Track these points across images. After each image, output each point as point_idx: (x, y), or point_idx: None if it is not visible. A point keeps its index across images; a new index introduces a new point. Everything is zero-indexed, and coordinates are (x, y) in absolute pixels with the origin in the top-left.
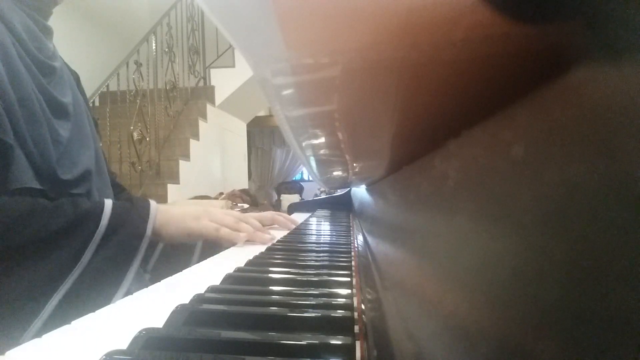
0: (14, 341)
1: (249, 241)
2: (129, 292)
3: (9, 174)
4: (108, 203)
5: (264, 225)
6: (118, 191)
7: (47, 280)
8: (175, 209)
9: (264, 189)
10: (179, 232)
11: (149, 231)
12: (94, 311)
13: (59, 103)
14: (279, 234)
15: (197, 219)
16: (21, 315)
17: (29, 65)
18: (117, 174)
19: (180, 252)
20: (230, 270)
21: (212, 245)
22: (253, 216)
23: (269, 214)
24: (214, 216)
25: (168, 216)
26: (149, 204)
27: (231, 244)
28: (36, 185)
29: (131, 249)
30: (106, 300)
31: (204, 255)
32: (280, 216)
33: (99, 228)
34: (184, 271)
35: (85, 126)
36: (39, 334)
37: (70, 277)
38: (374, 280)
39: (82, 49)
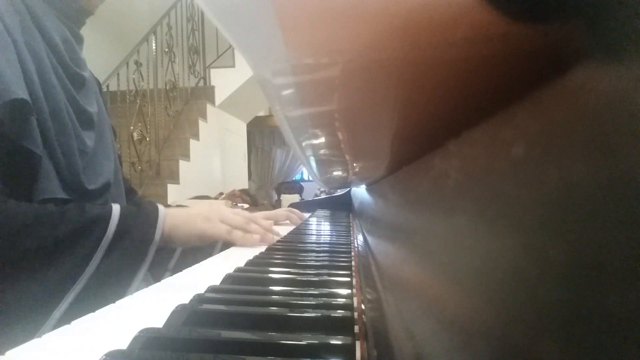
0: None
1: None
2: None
3: (37, 184)
4: (116, 208)
5: (277, 223)
6: (131, 196)
7: (55, 286)
8: (185, 211)
9: (264, 189)
10: (190, 235)
11: (157, 237)
12: None
13: (86, 113)
14: (282, 232)
15: (207, 221)
16: (29, 322)
17: (62, 76)
18: (130, 180)
19: (198, 250)
20: (230, 270)
21: (230, 245)
22: (264, 215)
23: (283, 212)
24: (224, 217)
25: (177, 220)
26: (157, 209)
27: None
28: (63, 195)
29: (139, 255)
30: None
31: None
32: (293, 213)
33: (106, 235)
34: (183, 271)
35: (107, 136)
36: None
37: (79, 284)
38: (374, 280)
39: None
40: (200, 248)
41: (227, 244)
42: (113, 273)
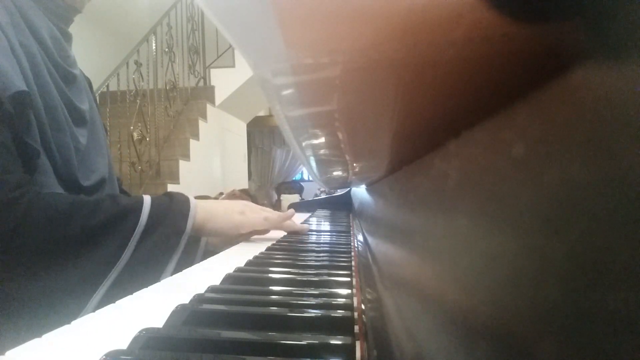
0: None
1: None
2: None
3: (35, 179)
4: (147, 199)
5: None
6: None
7: (91, 275)
8: (216, 204)
9: (264, 189)
10: (227, 226)
11: (189, 227)
12: None
13: (78, 110)
14: (280, 233)
15: (242, 213)
16: (64, 312)
17: (53, 73)
18: (121, 180)
19: (182, 253)
20: (230, 270)
21: (213, 249)
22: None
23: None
24: (255, 208)
25: (211, 212)
26: (188, 200)
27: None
28: (59, 191)
29: (171, 245)
30: None
31: (205, 256)
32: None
33: (139, 224)
34: (184, 271)
35: (100, 133)
36: None
37: (113, 272)
38: (374, 280)
39: (82, 49)
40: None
41: (208, 249)
42: (146, 262)
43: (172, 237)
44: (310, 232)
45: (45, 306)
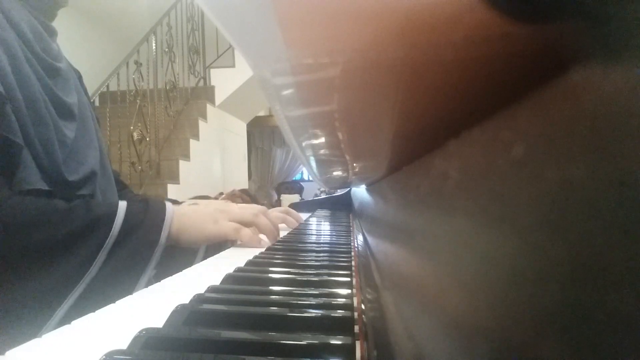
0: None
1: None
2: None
3: (17, 174)
4: (122, 207)
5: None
6: (120, 188)
7: (58, 285)
8: (194, 212)
9: (264, 189)
10: (199, 238)
11: (163, 239)
12: None
13: (64, 104)
14: (280, 233)
15: (215, 222)
16: (31, 321)
17: (35, 66)
18: (119, 172)
19: (184, 251)
20: (230, 270)
21: (216, 246)
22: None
23: (279, 214)
24: (232, 214)
25: (186, 221)
26: (164, 209)
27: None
28: (43, 186)
29: (144, 256)
30: None
31: (207, 255)
32: (289, 214)
33: (111, 234)
34: (184, 271)
35: (90, 126)
36: None
37: (82, 283)
38: (374, 280)
39: (82, 49)
40: (182, 253)
41: (210, 246)
42: (117, 274)
43: (145, 248)
44: (310, 232)
45: (9, 316)
